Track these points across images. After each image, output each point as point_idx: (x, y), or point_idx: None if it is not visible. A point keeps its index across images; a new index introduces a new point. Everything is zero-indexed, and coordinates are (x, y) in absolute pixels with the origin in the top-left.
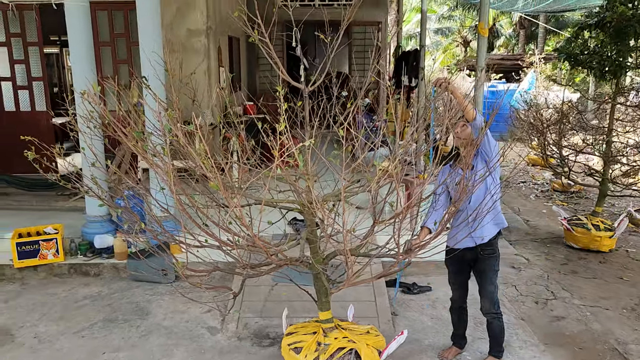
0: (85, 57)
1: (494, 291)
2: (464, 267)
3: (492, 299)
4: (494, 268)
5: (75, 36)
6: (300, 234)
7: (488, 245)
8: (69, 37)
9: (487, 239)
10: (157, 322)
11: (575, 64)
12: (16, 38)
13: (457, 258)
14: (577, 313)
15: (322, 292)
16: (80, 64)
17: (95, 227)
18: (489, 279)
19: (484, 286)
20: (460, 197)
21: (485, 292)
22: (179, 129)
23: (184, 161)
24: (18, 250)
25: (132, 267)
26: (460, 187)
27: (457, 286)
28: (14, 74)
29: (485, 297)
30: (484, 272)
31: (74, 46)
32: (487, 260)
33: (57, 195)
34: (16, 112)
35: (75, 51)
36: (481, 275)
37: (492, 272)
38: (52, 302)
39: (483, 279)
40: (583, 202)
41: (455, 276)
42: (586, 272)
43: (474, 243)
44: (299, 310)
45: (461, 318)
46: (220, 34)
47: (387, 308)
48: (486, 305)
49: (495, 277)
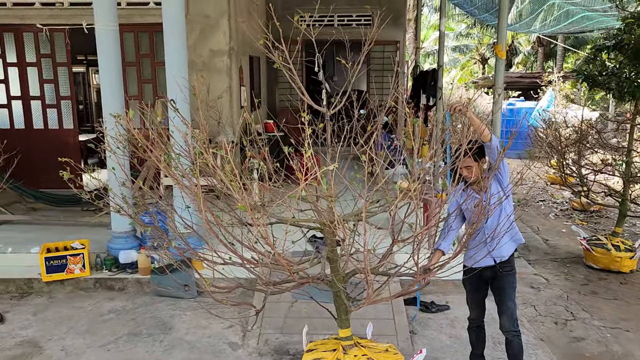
0: (114, 79)
1: (513, 308)
2: (482, 285)
3: (512, 316)
4: (512, 285)
5: (105, 59)
6: (321, 252)
7: (507, 262)
8: (99, 60)
9: (507, 256)
10: (180, 336)
11: (594, 85)
12: (46, 58)
13: (475, 277)
14: (597, 334)
15: (342, 310)
16: (109, 85)
17: (120, 242)
18: (508, 296)
19: (504, 303)
20: (478, 219)
21: (505, 309)
22: (208, 152)
23: (209, 179)
24: (46, 264)
25: (156, 282)
26: (478, 210)
27: (475, 305)
28: (43, 93)
29: (505, 314)
30: (503, 289)
31: (103, 69)
32: (506, 277)
33: (83, 210)
34: (44, 129)
35: (105, 73)
36: (500, 293)
37: (511, 289)
38: (78, 315)
39: (502, 296)
40: (603, 222)
41: (473, 295)
42: (606, 293)
43: (493, 262)
44: (319, 327)
45: (479, 337)
46: (242, 54)
47: (405, 326)
48: (506, 323)
49: (514, 294)
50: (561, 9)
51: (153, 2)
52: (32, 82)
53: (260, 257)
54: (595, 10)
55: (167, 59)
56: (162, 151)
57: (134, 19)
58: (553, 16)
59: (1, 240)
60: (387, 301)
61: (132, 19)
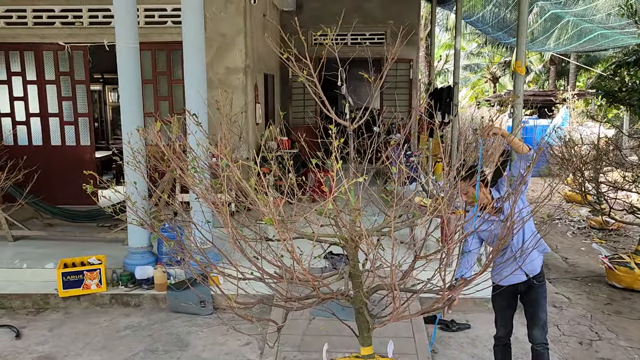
0: (133, 96)
1: (545, 319)
2: (512, 301)
3: (544, 327)
4: (544, 295)
5: (125, 76)
6: (337, 268)
7: (539, 273)
8: (119, 77)
9: (539, 269)
10: (196, 353)
11: (614, 101)
12: (65, 76)
13: (506, 294)
14: (624, 355)
15: (364, 327)
16: (129, 102)
17: (137, 258)
18: (541, 307)
19: (537, 315)
20: (505, 237)
21: (538, 321)
22: (234, 165)
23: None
24: (63, 280)
25: (172, 299)
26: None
27: (505, 322)
28: (61, 111)
29: (538, 325)
30: (536, 300)
31: (123, 86)
32: (540, 288)
33: (99, 226)
34: (62, 146)
35: (125, 90)
36: (534, 304)
37: (543, 299)
38: (94, 331)
39: (535, 308)
40: (623, 240)
41: (503, 312)
42: (631, 313)
43: (525, 277)
44: (338, 346)
45: (506, 356)
46: (257, 72)
47: (426, 345)
48: (538, 335)
49: (546, 304)
50: (576, 27)
51: (171, 21)
52: (50, 99)
53: (283, 272)
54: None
55: (186, 76)
56: (186, 163)
57: (152, 37)
58: (568, 34)
59: (18, 256)
60: (408, 319)
61: (150, 38)
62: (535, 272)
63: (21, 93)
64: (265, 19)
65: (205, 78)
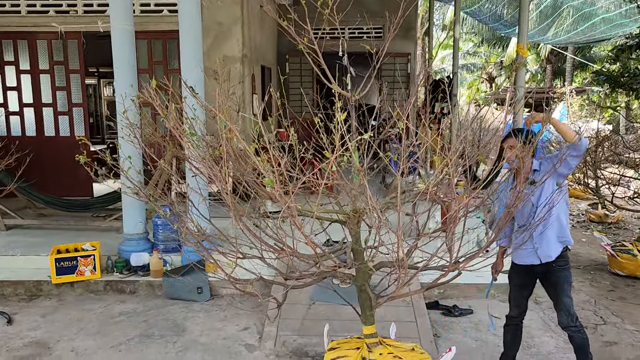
0: (128, 79)
1: (570, 303)
2: (529, 281)
3: (569, 311)
4: (567, 279)
5: (120, 60)
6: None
7: (560, 256)
8: (114, 60)
9: (554, 257)
10: (193, 338)
11: (616, 86)
12: (59, 66)
13: (524, 272)
14: (631, 338)
15: (366, 306)
16: (124, 87)
17: (132, 245)
18: (564, 291)
19: (560, 299)
20: (514, 204)
21: (562, 305)
22: (234, 128)
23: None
24: (57, 266)
25: (168, 285)
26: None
27: (517, 302)
28: (55, 101)
29: (562, 310)
30: (557, 284)
31: (118, 70)
32: (560, 272)
33: (93, 216)
34: (55, 137)
35: (119, 75)
36: (555, 288)
37: (567, 283)
38: (88, 317)
39: (558, 291)
40: (622, 233)
41: (517, 291)
42: (635, 299)
43: (539, 261)
44: (338, 330)
45: (515, 338)
46: (254, 62)
47: (428, 329)
48: (564, 320)
49: (570, 289)
50: (578, 12)
51: (167, 10)
52: (44, 89)
53: (285, 243)
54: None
55: (183, 65)
56: (183, 132)
57: (148, 26)
58: (571, 19)
59: (10, 244)
60: (413, 296)
61: (146, 27)
62: (549, 258)
63: (14, 83)
64: (262, 10)
65: (202, 67)
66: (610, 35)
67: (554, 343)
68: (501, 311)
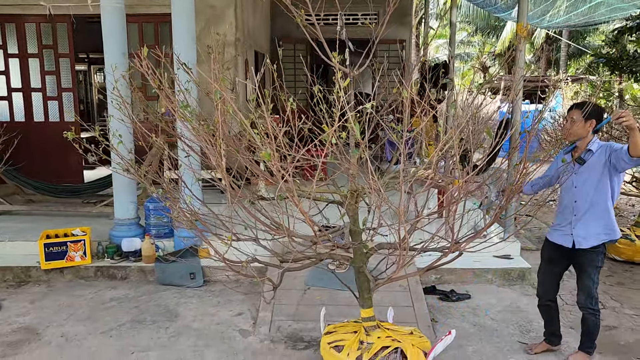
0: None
1: (591, 286)
2: (558, 260)
3: (589, 293)
4: (594, 263)
5: (110, 40)
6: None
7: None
8: (103, 40)
9: (587, 247)
10: (186, 324)
11: (615, 69)
12: (48, 50)
13: (553, 248)
14: (630, 322)
15: (364, 288)
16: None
17: (123, 230)
18: (587, 274)
19: (582, 280)
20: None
21: (582, 286)
22: (228, 98)
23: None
24: (46, 251)
25: (160, 270)
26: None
27: (543, 279)
28: (44, 85)
29: (582, 290)
30: (582, 265)
31: (108, 49)
32: (588, 255)
33: (84, 202)
34: (45, 122)
35: (109, 54)
36: (580, 268)
37: (592, 267)
38: (78, 303)
39: (581, 272)
40: (617, 220)
41: (545, 265)
42: (634, 284)
43: (571, 245)
44: (334, 315)
45: (549, 315)
46: (248, 47)
47: (426, 314)
48: (582, 299)
49: (595, 273)
50: None
51: None
52: (33, 73)
53: (281, 224)
54: None
55: (175, 49)
56: (174, 103)
57: (139, 9)
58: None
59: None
60: (410, 281)
61: (137, 10)
62: (581, 246)
63: (2, 67)
64: None
65: (195, 51)
66: (610, 18)
67: None
68: (498, 296)
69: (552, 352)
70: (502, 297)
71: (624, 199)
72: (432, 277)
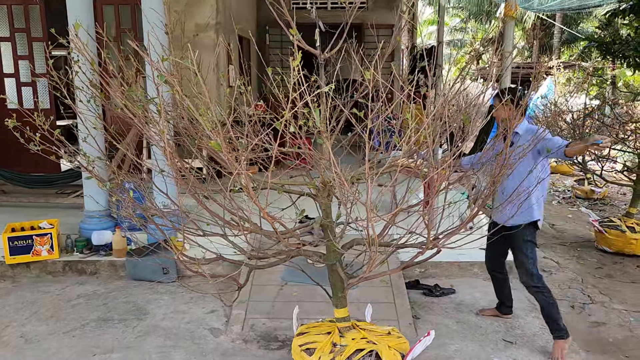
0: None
1: (525, 261)
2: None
3: (527, 270)
4: (524, 238)
5: (73, 9)
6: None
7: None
8: (68, 12)
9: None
10: (155, 322)
11: (607, 54)
12: (20, 33)
13: (494, 224)
14: (620, 318)
15: (337, 287)
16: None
17: (94, 222)
18: (520, 248)
19: (516, 255)
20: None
21: (518, 263)
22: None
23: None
24: (10, 245)
25: (131, 265)
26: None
27: (488, 252)
28: (17, 70)
29: (519, 267)
30: (514, 241)
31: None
32: (519, 232)
33: (57, 193)
34: (19, 109)
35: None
36: (513, 245)
37: (524, 241)
38: (42, 300)
39: (515, 249)
40: (608, 209)
41: (488, 242)
42: (624, 276)
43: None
44: (311, 312)
45: (496, 285)
46: (231, 32)
47: (408, 310)
48: (523, 278)
49: (529, 248)
50: None
51: None
52: (5, 58)
53: (247, 219)
54: None
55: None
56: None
57: None
58: None
59: None
60: (392, 275)
61: None
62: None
63: None
64: None
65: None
66: (603, 2)
67: (539, 323)
68: (483, 290)
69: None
70: (487, 292)
71: (614, 188)
72: (416, 271)
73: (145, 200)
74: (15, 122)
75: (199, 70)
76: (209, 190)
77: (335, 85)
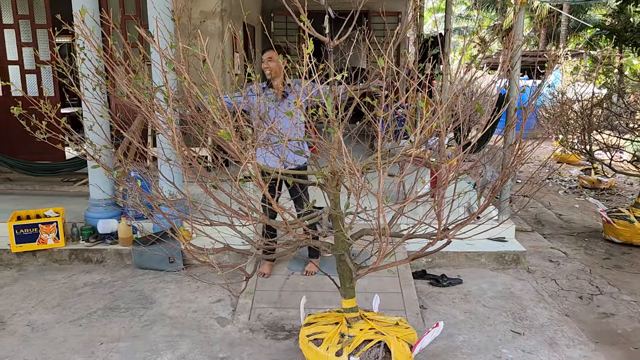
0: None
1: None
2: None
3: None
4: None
5: None
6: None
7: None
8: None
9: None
10: (162, 311)
11: (619, 41)
12: (24, 20)
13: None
14: (628, 310)
15: (346, 277)
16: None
17: (99, 211)
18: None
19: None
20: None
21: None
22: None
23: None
24: (16, 233)
25: (137, 254)
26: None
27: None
28: (21, 58)
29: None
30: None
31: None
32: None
33: (63, 181)
34: (23, 97)
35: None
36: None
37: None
38: (49, 289)
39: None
40: (615, 199)
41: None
42: (632, 267)
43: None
44: (318, 302)
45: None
46: (236, 19)
47: (415, 300)
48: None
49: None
50: None
51: None
52: (9, 45)
53: (253, 209)
54: None
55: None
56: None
57: None
58: None
59: None
60: (399, 265)
61: None
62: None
63: None
64: None
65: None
66: None
67: (548, 314)
68: (490, 280)
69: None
70: (495, 282)
71: (621, 178)
72: (423, 261)
73: (151, 188)
74: (20, 110)
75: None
76: (217, 179)
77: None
